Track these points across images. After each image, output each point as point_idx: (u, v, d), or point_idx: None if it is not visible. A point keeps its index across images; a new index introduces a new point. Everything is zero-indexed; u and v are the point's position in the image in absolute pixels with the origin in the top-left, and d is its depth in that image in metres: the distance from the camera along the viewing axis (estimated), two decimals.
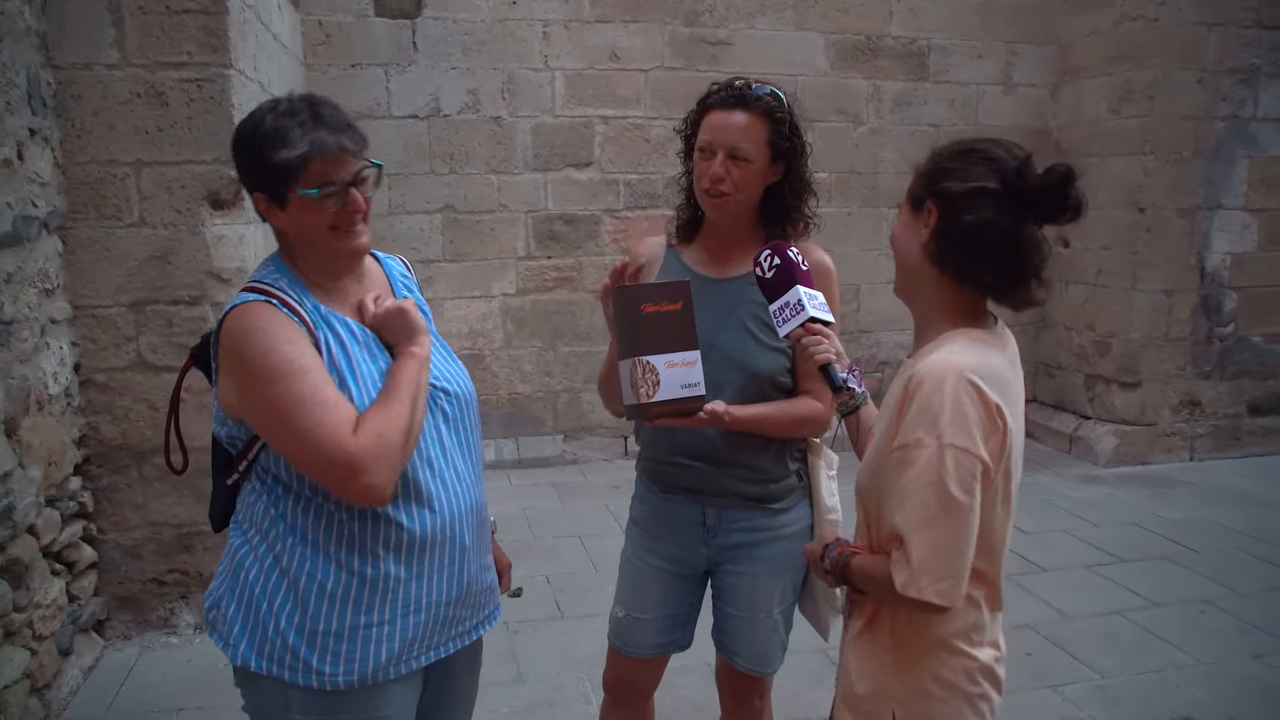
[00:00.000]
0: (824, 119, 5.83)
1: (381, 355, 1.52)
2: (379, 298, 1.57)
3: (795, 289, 1.65)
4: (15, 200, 2.76)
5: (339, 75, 5.19)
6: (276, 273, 1.52)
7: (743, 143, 1.84)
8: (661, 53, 5.60)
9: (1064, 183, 1.34)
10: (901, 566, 1.32)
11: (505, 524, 4.72)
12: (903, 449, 1.33)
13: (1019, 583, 4.03)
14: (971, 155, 1.41)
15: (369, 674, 1.49)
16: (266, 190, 1.45)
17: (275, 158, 1.41)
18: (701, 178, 1.89)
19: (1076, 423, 6.06)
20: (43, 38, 3.02)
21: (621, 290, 1.70)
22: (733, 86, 1.87)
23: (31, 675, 2.75)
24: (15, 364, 2.73)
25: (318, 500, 1.47)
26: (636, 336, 1.66)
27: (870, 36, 5.85)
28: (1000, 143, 1.44)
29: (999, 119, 6.11)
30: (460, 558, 1.58)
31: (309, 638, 1.46)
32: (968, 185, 1.38)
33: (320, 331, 1.47)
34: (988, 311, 1.48)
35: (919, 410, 1.32)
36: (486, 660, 3.29)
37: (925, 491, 1.30)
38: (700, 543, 1.99)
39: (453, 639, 1.61)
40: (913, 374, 1.36)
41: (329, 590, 1.46)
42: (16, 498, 2.68)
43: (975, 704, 1.44)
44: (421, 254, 5.48)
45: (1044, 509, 4.98)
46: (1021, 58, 6.11)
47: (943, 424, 1.30)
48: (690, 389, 1.71)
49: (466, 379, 1.68)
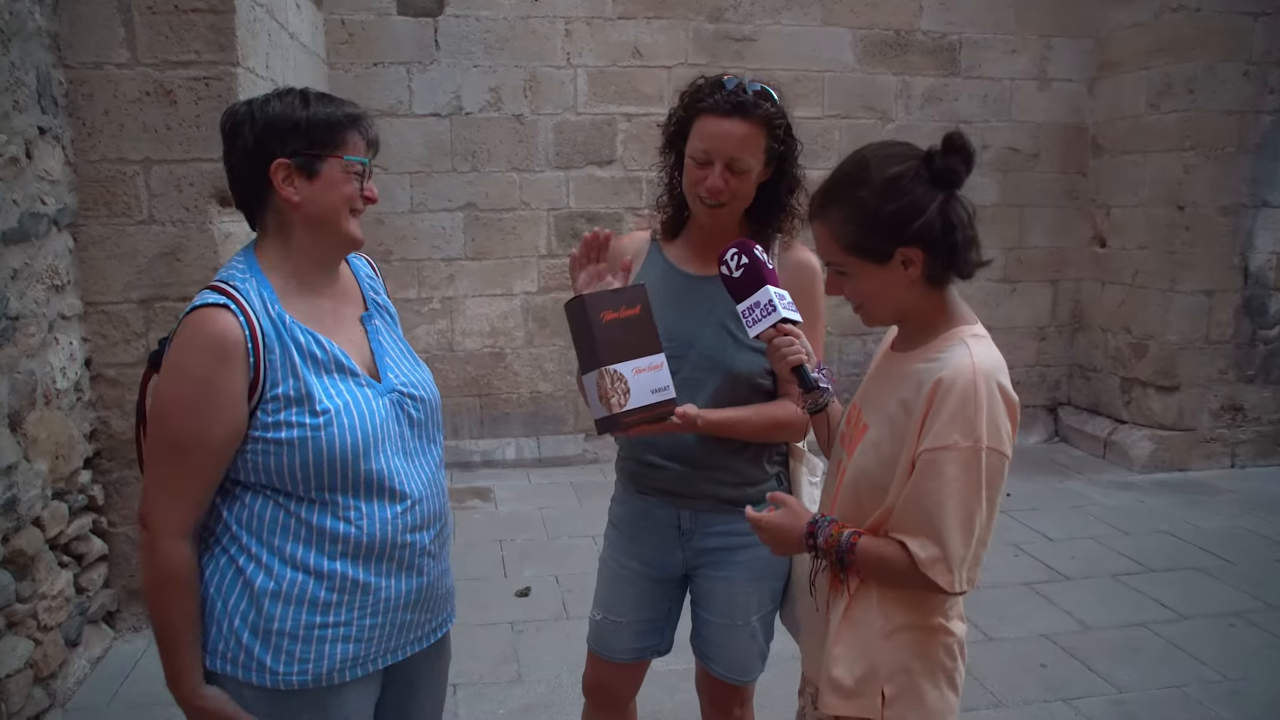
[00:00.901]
0: (851, 116, 5.74)
1: (341, 375, 1.49)
2: None
3: (765, 289, 1.61)
4: (22, 198, 2.80)
5: (361, 74, 5.22)
6: (246, 270, 1.49)
7: (743, 154, 1.77)
8: (685, 49, 5.55)
9: (967, 147, 1.39)
10: (935, 560, 1.36)
11: (521, 523, 4.72)
12: (939, 450, 1.36)
13: (1039, 591, 3.91)
14: (898, 184, 1.39)
15: (323, 674, 1.48)
16: (300, 155, 1.43)
17: (336, 114, 1.44)
18: (697, 186, 1.81)
19: (1111, 427, 5.88)
20: (54, 38, 3.07)
21: (577, 300, 1.66)
22: (726, 90, 1.77)
23: (36, 665, 2.80)
24: (22, 359, 2.77)
25: (277, 499, 1.46)
26: (598, 346, 1.63)
27: (900, 31, 5.74)
28: (885, 155, 1.43)
29: (1033, 115, 5.96)
30: (421, 561, 1.56)
31: (263, 637, 1.45)
32: (933, 209, 1.39)
33: (273, 349, 1.43)
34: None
35: (954, 414, 1.35)
36: (487, 660, 3.34)
37: (967, 494, 1.35)
38: (676, 546, 1.95)
39: (411, 643, 1.60)
40: (940, 378, 1.37)
41: (283, 591, 1.45)
42: (21, 490, 2.73)
43: (952, 678, 1.50)
44: (443, 252, 5.50)
45: (1073, 516, 4.84)
46: (1057, 52, 5.95)
47: (981, 429, 1.35)
48: (660, 393, 1.68)
49: (431, 383, 1.66)
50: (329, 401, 1.44)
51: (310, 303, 1.51)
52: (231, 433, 1.41)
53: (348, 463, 1.44)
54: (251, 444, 1.43)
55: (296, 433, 1.42)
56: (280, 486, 1.45)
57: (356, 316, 1.60)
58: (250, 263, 1.50)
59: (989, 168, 5.92)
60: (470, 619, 3.67)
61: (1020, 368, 6.23)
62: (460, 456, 5.62)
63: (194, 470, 1.42)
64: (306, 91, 1.47)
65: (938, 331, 1.45)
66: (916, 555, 1.37)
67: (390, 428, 1.51)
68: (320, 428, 1.43)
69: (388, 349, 1.60)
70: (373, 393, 1.51)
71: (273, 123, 1.44)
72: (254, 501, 1.47)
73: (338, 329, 1.54)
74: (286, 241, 1.50)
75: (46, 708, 2.87)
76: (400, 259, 5.46)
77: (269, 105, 1.46)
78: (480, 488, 5.30)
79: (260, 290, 1.46)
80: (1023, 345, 6.21)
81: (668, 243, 1.98)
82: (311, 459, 1.42)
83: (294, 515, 1.46)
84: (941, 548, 1.36)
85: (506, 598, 3.88)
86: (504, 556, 4.32)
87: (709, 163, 1.78)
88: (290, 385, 1.43)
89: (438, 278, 5.53)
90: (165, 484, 1.43)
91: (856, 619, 1.49)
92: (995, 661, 3.33)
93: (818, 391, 1.63)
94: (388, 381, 1.55)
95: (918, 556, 1.37)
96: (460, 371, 5.62)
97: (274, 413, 1.42)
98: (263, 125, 1.44)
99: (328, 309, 1.54)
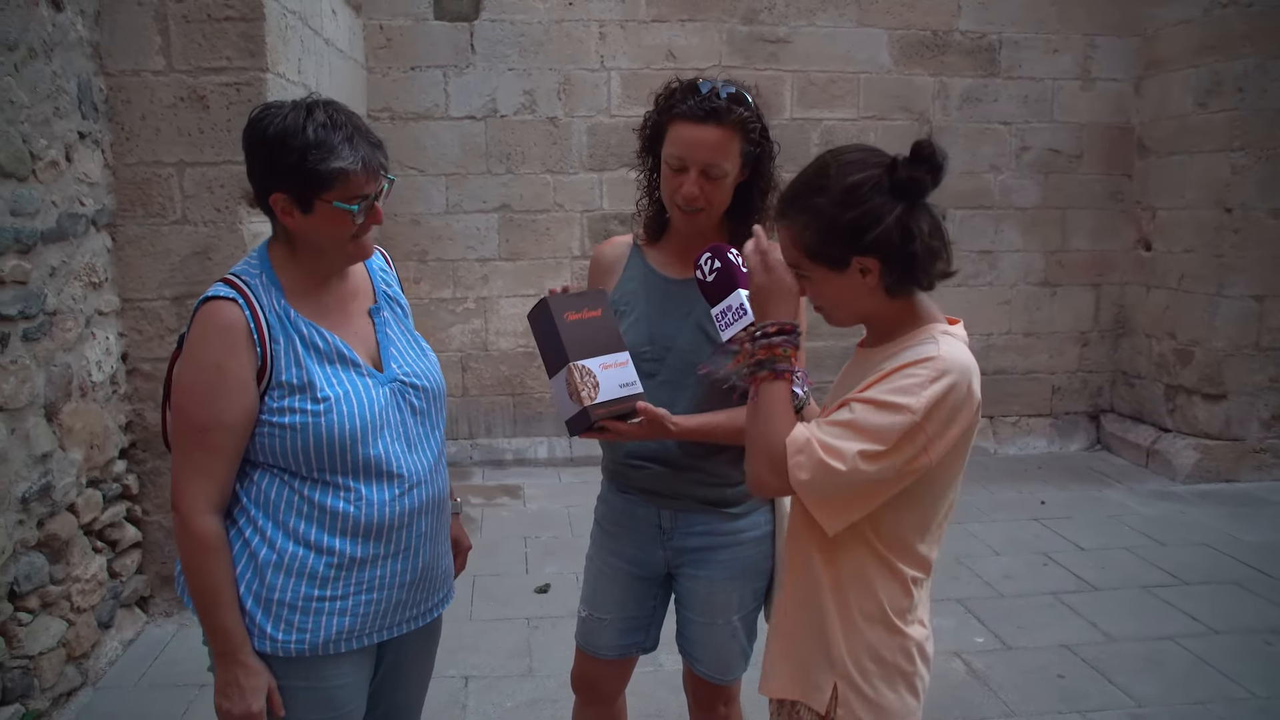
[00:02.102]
0: (887, 117, 5.69)
1: (342, 365, 1.57)
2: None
3: (737, 292, 1.62)
4: (61, 199, 2.94)
5: (399, 78, 5.34)
6: (258, 267, 1.58)
7: (717, 160, 1.77)
8: (719, 51, 5.56)
9: (934, 156, 1.37)
10: (808, 451, 1.35)
11: (547, 521, 4.78)
12: (890, 398, 1.34)
13: (1065, 601, 3.85)
14: (856, 193, 1.38)
15: (319, 645, 1.57)
16: (294, 193, 1.49)
17: (326, 167, 1.46)
18: (674, 193, 1.82)
19: (1155, 435, 5.73)
20: (95, 47, 3.21)
21: (541, 304, 1.70)
22: (699, 95, 1.77)
23: (68, 644, 2.93)
24: (58, 353, 2.91)
25: (283, 478, 1.56)
26: (565, 345, 1.67)
27: (937, 31, 5.67)
28: (846, 162, 1.42)
29: (1076, 115, 5.84)
30: (418, 543, 1.65)
31: (265, 605, 1.55)
32: (891, 219, 1.37)
33: (277, 339, 1.53)
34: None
35: (899, 379, 1.35)
36: (500, 653, 3.40)
37: (878, 439, 1.33)
38: (657, 544, 1.97)
39: (406, 621, 1.68)
40: (936, 357, 1.36)
41: (285, 563, 1.55)
42: (55, 477, 2.86)
43: (911, 681, 1.48)
44: (478, 253, 5.59)
45: (1108, 525, 4.74)
46: (1101, 50, 5.82)
47: (935, 411, 1.33)
48: (628, 388, 1.72)
49: (436, 373, 1.73)
50: (329, 390, 1.54)
51: (317, 298, 1.60)
52: (245, 414, 1.51)
53: (346, 447, 1.54)
54: (260, 426, 1.53)
55: (299, 418, 1.52)
56: (286, 466, 1.55)
57: (365, 309, 1.68)
58: (263, 259, 1.60)
59: (1030, 169, 5.82)
60: (487, 613, 3.74)
61: (1061, 373, 6.11)
62: (493, 454, 5.70)
63: (215, 450, 1.51)
64: (308, 126, 1.47)
65: (908, 329, 1.45)
66: (798, 435, 1.37)
67: (390, 415, 1.60)
68: (320, 414, 1.52)
69: (394, 340, 1.69)
70: (373, 382, 1.60)
71: (270, 158, 1.49)
72: (262, 479, 1.57)
73: (344, 322, 1.63)
74: (293, 250, 1.59)
75: (79, 685, 3.00)
76: (436, 259, 5.57)
77: (278, 142, 1.47)
78: (511, 485, 5.37)
79: (269, 285, 1.56)
80: (1064, 350, 6.09)
81: (649, 247, 2.00)
82: (312, 443, 1.52)
83: (298, 493, 1.55)
84: (819, 451, 1.34)
85: (526, 593, 3.93)
86: (528, 553, 4.38)
87: (684, 169, 1.79)
88: (294, 374, 1.53)
89: (472, 278, 5.63)
90: (190, 465, 1.52)
91: (809, 604, 1.49)
92: (1011, 671, 3.29)
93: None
94: (390, 371, 1.63)
95: (797, 437, 1.37)
96: (494, 370, 5.71)
97: (279, 399, 1.52)
98: (263, 157, 1.51)
99: (334, 303, 1.63)
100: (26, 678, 2.71)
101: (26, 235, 2.73)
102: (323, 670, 1.59)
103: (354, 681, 1.64)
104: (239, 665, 1.52)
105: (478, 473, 5.61)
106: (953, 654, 3.36)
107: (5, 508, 2.62)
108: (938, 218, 1.43)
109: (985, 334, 5.97)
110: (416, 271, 5.57)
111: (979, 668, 3.30)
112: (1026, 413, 6.10)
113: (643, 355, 1.85)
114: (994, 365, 6.00)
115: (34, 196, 2.77)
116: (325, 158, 1.46)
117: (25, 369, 2.72)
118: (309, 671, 1.58)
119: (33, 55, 2.80)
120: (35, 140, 2.79)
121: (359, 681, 1.65)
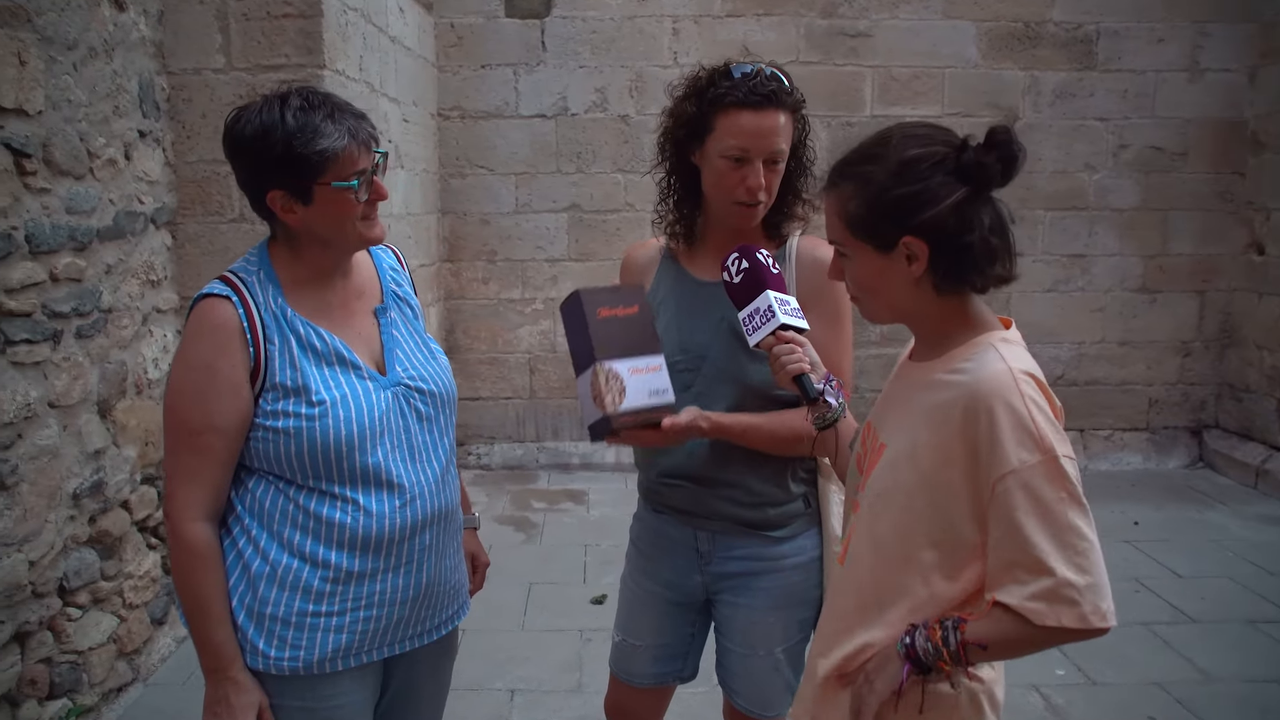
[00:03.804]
0: (974, 114, 5.40)
1: (342, 367, 1.50)
2: None
3: (765, 294, 1.49)
4: (119, 197, 2.96)
5: (469, 76, 5.31)
6: (256, 264, 1.52)
7: (783, 146, 1.67)
8: (796, 46, 5.38)
9: (1010, 146, 1.20)
10: (1047, 594, 1.14)
11: (609, 528, 4.66)
12: (1009, 475, 1.16)
13: (1157, 632, 3.55)
14: (916, 168, 1.22)
15: (314, 663, 1.49)
16: (290, 186, 1.43)
17: (314, 150, 1.40)
18: (734, 188, 1.68)
19: (1266, 454, 5.31)
20: (158, 46, 3.23)
21: (573, 296, 1.57)
22: (749, 79, 1.64)
23: (119, 640, 2.95)
24: (113, 350, 2.93)
25: (279, 485, 1.49)
26: (592, 343, 1.54)
27: (1029, 23, 5.37)
28: (912, 135, 1.26)
29: (1181, 110, 5.45)
30: (420, 558, 1.56)
31: (256, 620, 1.47)
32: (948, 204, 1.21)
33: (272, 339, 1.46)
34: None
35: (1010, 430, 1.17)
36: (550, 666, 3.30)
37: (1056, 511, 1.15)
38: (694, 569, 1.84)
39: (411, 638, 1.60)
40: (977, 394, 1.20)
41: (279, 576, 1.47)
42: (108, 474, 2.88)
43: None
44: (547, 253, 5.53)
45: (1209, 550, 4.39)
46: (1212, 39, 5.42)
47: (1047, 437, 1.17)
48: (658, 396, 1.58)
49: (448, 377, 1.64)
50: (326, 393, 1.46)
51: (318, 297, 1.53)
52: (238, 417, 1.44)
53: (343, 454, 1.46)
54: (255, 430, 1.46)
55: (293, 422, 1.44)
56: (281, 473, 1.48)
57: (370, 309, 1.60)
58: (262, 257, 1.53)
59: (1128, 168, 5.46)
60: (540, 623, 3.65)
61: (1160, 385, 5.72)
62: (559, 458, 5.63)
63: (206, 454, 1.45)
64: (286, 114, 1.41)
65: (959, 339, 1.29)
66: (1024, 606, 1.14)
67: (392, 421, 1.51)
68: (315, 418, 1.45)
69: (400, 342, 1.60)
70: (374, 385, 1.51)
71: (256, 157, 1.44)
72: (257, 486, 1.50)
73: (346, 322, 1.55)
74: (295, 248, 1.52)
75: (130, 681, 3.01)
76: (505, 259, 5.53)
77: (261, 138, 1.42)
78: (575, 490, 5.29)
79: (266, 282, 1.49)
80: (1163, 361, 5.70)
81: (679, 250, 1.86)
82: (307, 448, 1.45)
83: (293, 501, 1.48)
84: (1048, 576, 1.14)
85: (581, 604, 3.83)
86: (586, 562, 4.28)
87: (746, 160, 1.65)
88: (289, 375, 1.46)
89: (541, 278, 5.56)
90: (181, 469, 1.46)
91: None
92: (1095, 709, 3.03)
93: (823, 405, 1.48)
94: (393, 374, 1.55)
95: (1025, 607, 1.14)
96: (562, 372, 5.63)
97: (274, 401, 1.45)
98: (248, 159, 1.45)
99: (336, 302, 1.55)
100: (75, 672, 2.73)
101: (82, 233, 2.74)
102: (320, 689, 1.51)
103: (354, 701, 1.55)
104: (229, 682, 1.45)
105: (543, 476, 5.55)
106: (1030, 687, 3.12)
107: (56, 504, 2.63)
108: (1004, 216, 1.27)
109: (1076, 342, 5.63)
110: (485, 272, 5.54)
111: (1059, 704, 3.05)
112: (1121, 426, 5.73)
113: (676, 365, 1.71)
114: (1086, 375, 5.65)
115: (90, 194, 2.79)
116: (311, 139, 1.39)
117: (78, 366, 2.73)
118: (305, 691, 1.50)
119: (93, 55, 2.81)
120: (93, 139, 2.81)
121: (360, 701, 1.56)
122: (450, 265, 5.53)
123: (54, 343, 2.62)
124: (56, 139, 2.62)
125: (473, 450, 5.63)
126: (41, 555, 2.56)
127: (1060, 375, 5.64)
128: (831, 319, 1.72)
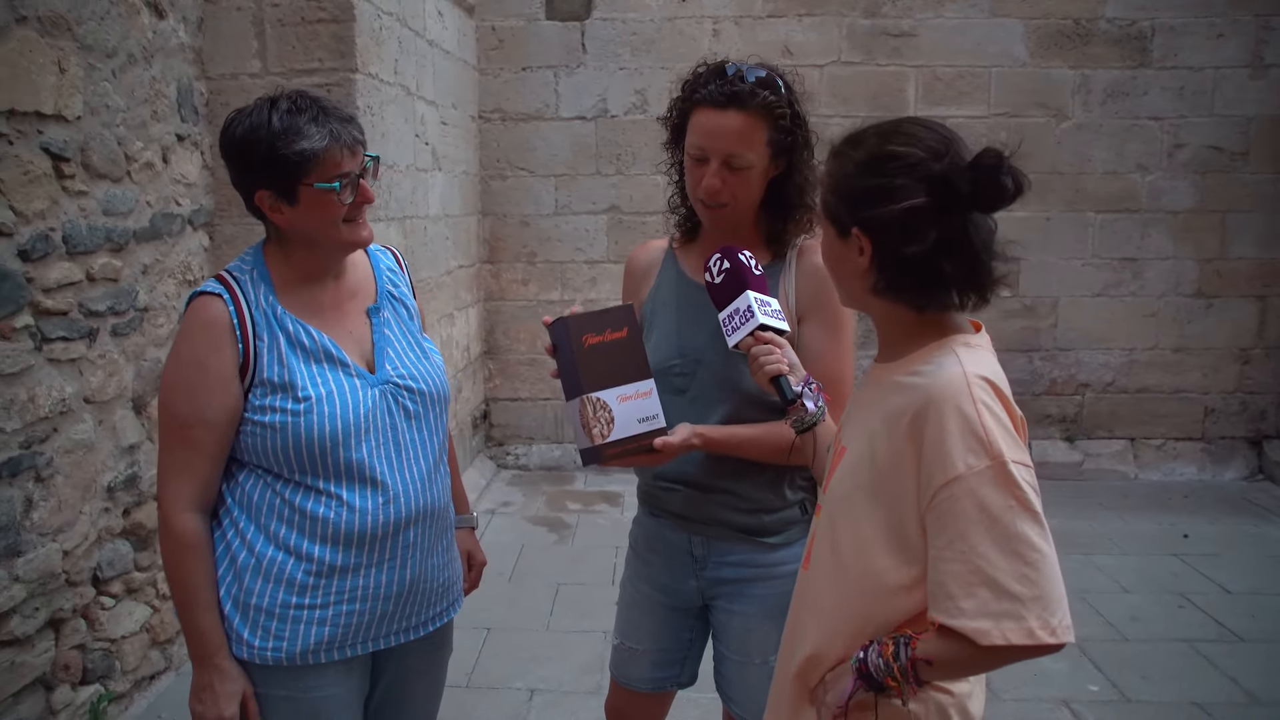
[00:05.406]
0: (1021, 114, 5.29)
1: (330, 364, 1.53)
2: None
3: (745, 294, 1.48)
4: (156, 199, 3.04)
5: (510, 78, 5.35)
6: (251, 263, 1.57)
7: (741, 150, 1.62)
8: (839, 47, 5.32)
9: (995, 172, 1.12)
10: (1009, 616, 1.08)
11: None
12: (953, 483, 1.11)
13: (1201, 651, 3.42)
14: (885, 164, 1.19)
15: (297, 654, 1.52)
16: (276, 187, 1.48)
17: (294, 150, 1.44)
18: (695, 187, 1.68)
19: None
20: (198, 52, 3.32)
21: (558, 322, 1.56)
22: (723, 79, 1.62)
23: (152, 629, 3.03)
24: (149, 348, 3.01)
25: (266, 479, 1.53)
26: (581, 372, 1.53)
27: (1079, 20, 5.23)
28: (906, 132, 1.21)
29: (1242, 108, 5.26)
30: (404, 555, 1.58)
31: (242, 610, 1.51)
32: (897, 208, 1.17)
33: (261, 336, 1.50)
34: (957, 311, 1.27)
35: (958, 433, 1.12)
36: (572, 667, 3.30)
37: (1009, 519, 1.09)
38: (690, 574, 1.82)
39: (396, 633, 1.62)
40: (926, 398, 1.16)
41: (263, 568, 1.51)
42: (142, 468, 2.96)
43: None
44: (586, 254, 5.55)
45: (1265, 566, 4.22)
46: (1277, 34, 5.22)
47: (997, 442, 1.11)
48: (648, 422, 1.57)
49: (439, 377, 1.67)
50: (311, 389, 1.50)
51: (309, 296, 1.57)
52: (227, 412, 1.49)
53: (327, 450, 1.49)
54: (244, 425, 1.51)
55: (279, 417, 1.48)
56: (269, 467, 1.52)
57: (363, 309, 1.63)
58: (257, 257, 1.58)
59: (1183, 169, 5.28)
60: (566, 624, 3.66)
61: (1216, 393, 5.52)
62: None
63: (196, 447, 1.49)
64: (273, 116, 1.46)
65: (921, 341, 1.24)
66: (966, 627, 1.08)
67: (378, 418, 1.54)
68: (301, 414, 1.48)
69: (392, 341, 1.63)
70: (362, 383, 1.54)
71: (243, 157, 1.49)
72: (246, 480, 1.54)
73: (338, 321, 1.59)
74: (286, 249, 1.56)
75: (162, 669, 3.10)
76: (544, 261, 5.56)
77: (248, 138, 1.47)
78: (611, 492, 5.29)
79: (258, 281, 1.53)
80: (1221, 369, 5.50)
81: (682, 250, 1.85)
82: (292, 443, 1.48)
83: (279, 495, 1.52)
84: (991, 588, 1.08)
85: (609, 606, 3.79)
86: (616, 564, 4.28)
87: (705, 160, 1.64)
88: (276, 372, 1.50)
89: (580, 280, 5.59)
90: (172, 462, 1.51)
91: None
92: None
93: (801, 407, 1.46)
94: (382, 373, 1.58)
95: (968, 628, 1.08)
96: None
97: (261, 397, 1.50)
98: (237, 159, 1.50)
99: (328, 302, 1.59)
100: (108, 660, 2.81)
101: (119, 234, 2.83)
102: (304, 680, 1.54)
103: (339, 694, 1.57)
104: (214, 669, 1.49)
105: (580, 478, 5.56)
106: (1060, 702, 3.03)
107: (91, 496, 2.72)
108: (978, 246, 1.19)
109: (1127, 349, 5.47)
110: (524, 273, 5.58)
111: None
112: (1174, 435, 5.54)
113: (672, 370, 1.71)
114: (1137, 383, 5.48)
115: (128, 197, 2.88)
116: (293, 141, 1.43)
117: (114, 363, 2.82)
118: (289, 681, 1.53)
119: (132, 61, 2.90)
120: (131, 143, 2.89)
121: (345, 694, 1.59)
122: (490, 267, 5.59)
123: (90, 340, 2.70)
124: (94, 143, 2.71)
125: (511, 450, 5.67)
126: (75, 545, 2.64)
127: (1110, 382, 5.48)
128: (831, 326, 1.69)
